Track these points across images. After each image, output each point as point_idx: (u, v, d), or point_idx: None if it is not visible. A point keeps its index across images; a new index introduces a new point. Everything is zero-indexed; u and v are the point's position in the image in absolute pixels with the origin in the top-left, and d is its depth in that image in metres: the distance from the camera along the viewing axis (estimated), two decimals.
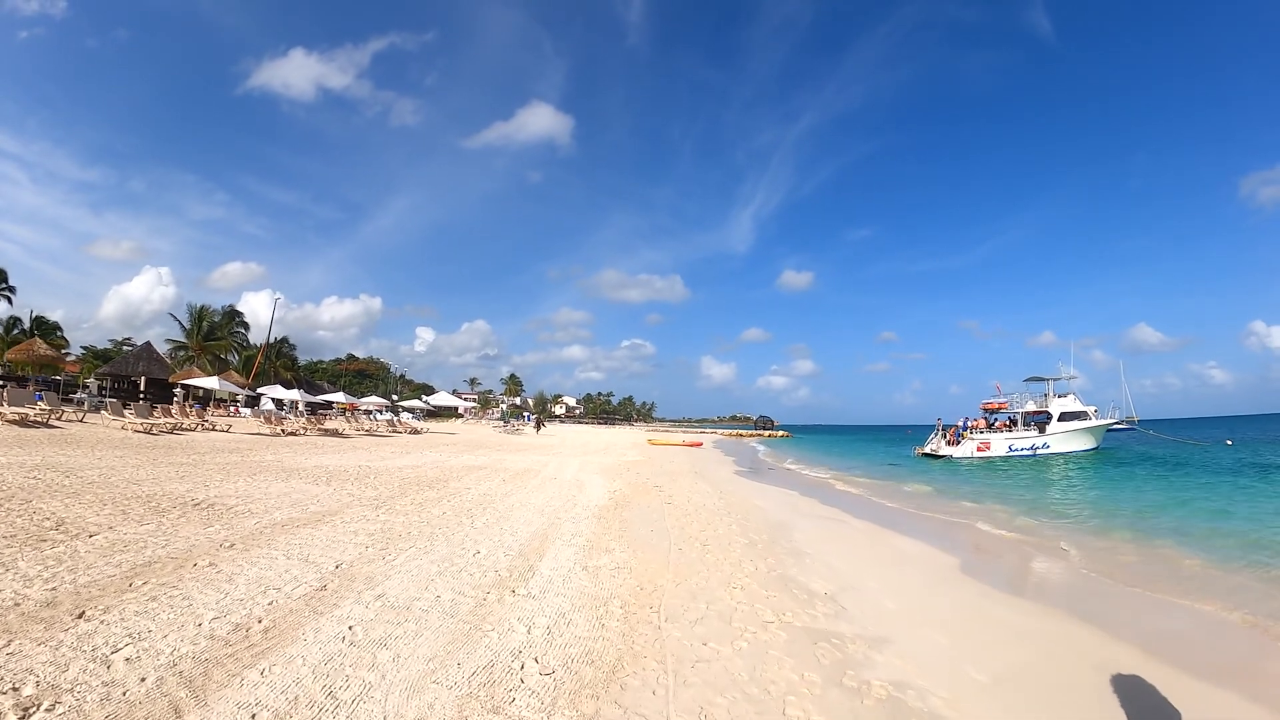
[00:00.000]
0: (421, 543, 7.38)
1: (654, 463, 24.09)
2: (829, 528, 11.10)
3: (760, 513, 11.97)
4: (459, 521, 8.82)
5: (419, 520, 8.84)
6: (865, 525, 11.70)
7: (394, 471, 15.29)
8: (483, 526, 8.49)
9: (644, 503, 12.02)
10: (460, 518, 9.14)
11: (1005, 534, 11.33)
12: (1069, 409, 38.33)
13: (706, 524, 10.00)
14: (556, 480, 15.11)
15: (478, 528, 8.40)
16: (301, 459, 17.21)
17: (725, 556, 7.65)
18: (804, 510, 13.18)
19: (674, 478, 17.98)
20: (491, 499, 11.23)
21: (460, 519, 9.03)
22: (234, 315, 61.82)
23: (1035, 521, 13.01)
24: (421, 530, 8.11)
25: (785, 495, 16.13)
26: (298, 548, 6.92)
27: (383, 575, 5.96)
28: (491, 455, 22.70)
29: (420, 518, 9.05)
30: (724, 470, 24.21)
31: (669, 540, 8.41)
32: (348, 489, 11.79)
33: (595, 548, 7.54)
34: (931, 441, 38.90)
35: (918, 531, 11.41)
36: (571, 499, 11.82)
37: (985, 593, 7.10)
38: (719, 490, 15.47)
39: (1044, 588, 7.85)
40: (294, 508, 9.58)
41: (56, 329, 57.81)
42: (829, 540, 9.71)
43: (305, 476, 13.31)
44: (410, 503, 10.45)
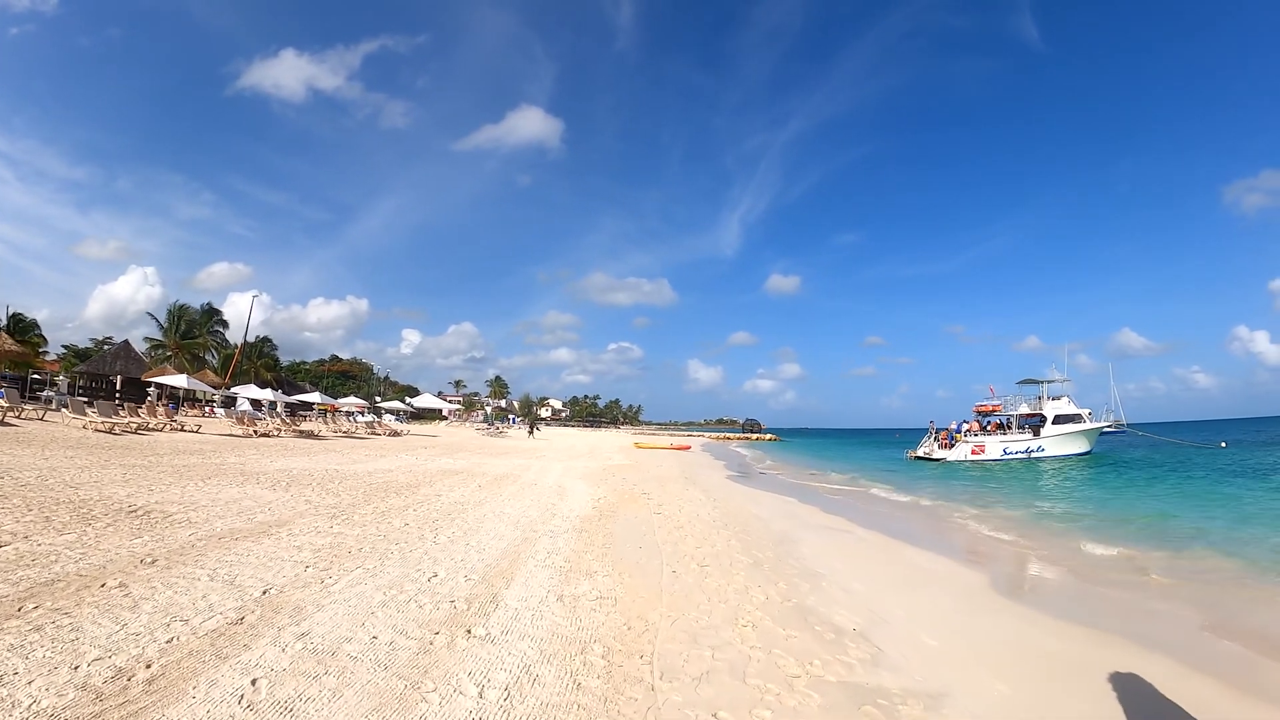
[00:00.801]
0: (372, 562, 6.35)
1: (641, 467, 22.89)
2: (836, 540, 10.13)
3: (760, 523, 10.96)
4: (420, 535, 7.77)
5: (376, 533, 7.81)
6: (874, 536, 10.74)
7: (362, 476, 14.23)
8: (446, 542, 7.42)
9: (631, 513, 10.93)
10: (423, 531, 8.09)
11: (1024, 544, 10.44)
12: (1063, 412, 37.83)
13: (702, 538, 8.97)
14: (536, 486, 14.03)
15: (440, 543, 7.34)
16: (267, 462, 16.11)
17: (728, 581, 6.59)
18: (806, 519, 12.21)
19: (663, 483, 16.90)
20: (462, 508, 10.17)
21: (423, 532, 7.98)
22: (213, 314, 60.40)
23: (1048, 529, 12.19)
24: (375, 546, 7.08)
25: (783, 502, 15.16)
26: (227, 566, 5.93)
27: (315, 605, 4.94)
28: (470, 459, 21.59)
29: (378, 530, 8.02)
30: (715, 475, 23.16)
31: (661, 559, 7.34)
32: (306, 495, 10.75)
33: (574, 570, 6.48)
34: (924, 445, 38.23)
35: (930, 542, 10.51)
36: (551, 508, 10.76)
37: (1028, 618, 6.15)
38: (712, 497, 14.46)
39: (1089, 608, 6.88)
40: (239, 517, 8.56)
41: (34, 327, 56.50)
42: (840, 555, 8.76)
43: (264, 481, 12.26)
44: (371, 512, 9.41)
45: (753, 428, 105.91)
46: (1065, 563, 9.11)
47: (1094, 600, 7.22)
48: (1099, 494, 18.58)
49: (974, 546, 10.51)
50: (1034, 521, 13.36)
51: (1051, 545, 10.35)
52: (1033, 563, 9.16)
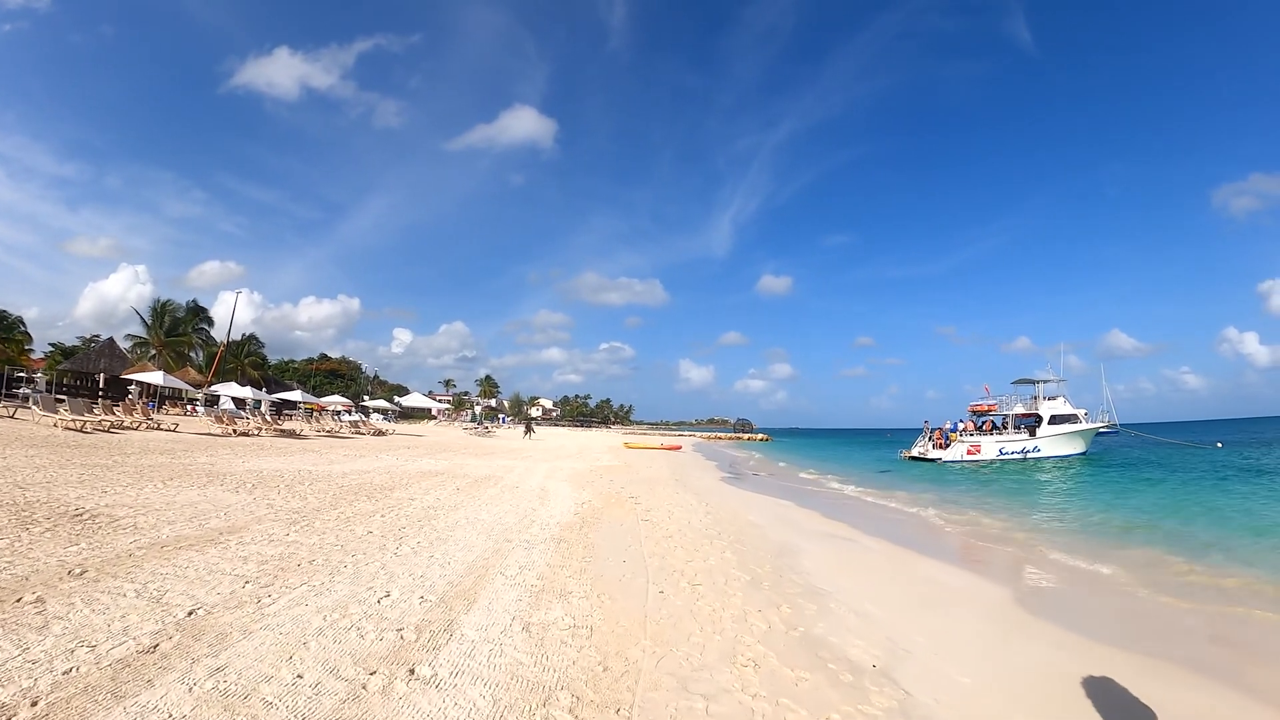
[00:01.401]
0: (321, 577, 5.65)
1: (631, 468, 22.12)
2: (840, 550, 9.43)
3: (757, 531, 10.20)
4: (382, 545, 7.06)
5: (334, 542, 7.11)
6: (880, 545, 10.06)
7: (336, 477, 13.51)
8: (408, 554, 6.70)
9: (616, 519, 10.19)
10: (386, 540, 7.38)
11: (1042, 552, 9.85)
12: (1059, 412, 37.37)
13: (694, 549, 8.18)
14: (518, 490, 13.29)
15: (402, 555, 6.62)
16: (239, 462, 15.37)
17: (724, 604, 5.78)
18: (805, 526, 11.48)
19: (652, 486, 16.15)
20: (434, 513, 9.46)
21: (385, 542, 7.26)
22: (198, 312, 59.34)
23: (1063, 534, 11.61)
24: (330, 558, 6.38)
25: (779, 506, 14.43)
26: (160, 580, 5.29)
27: (242, 631, 4.26)
28: (454, 459, 20.83)
29: (337, 539, 7.31)
30: (707, 477, 22.35)
31: (646, 576, 6.54)
32: (270, 498, 10.04)
33: (547, 589, 5.71)
34: (919, 444, 37.68)
35: (940, 551, 9.91)
36: (530, 514, 10.01)
37: (1065, 642, 5.48)
38: (704, 502, 13.66)
39: (1129, 627, 6.23)
40: (191, 522, 7.88)
41: (19, 324, 55.59)
42: (846, 569, 8.05)
43: (229, 483, 11.55)
44: (335, 518, 8.70)
45: (744, 427, 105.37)
46: (1089, 573, 8.51)
47: (1131, 618, 6.60)
48: (1106, 497, 17.96)
49: (987, 555, 9.88)
50: (1046, 526, 12.77)
51: (1071, 553, 9.72)
52: (1054, 573, 8.52)
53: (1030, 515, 14.44)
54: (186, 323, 56.84)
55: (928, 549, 10.08)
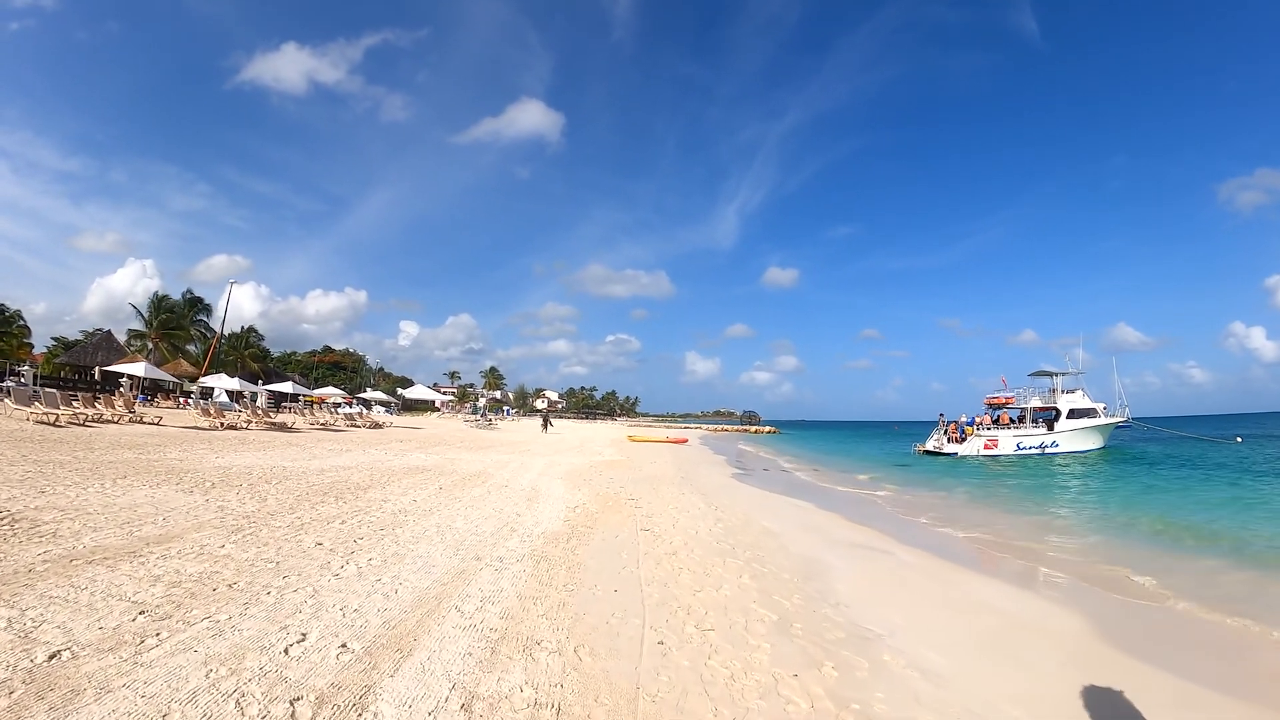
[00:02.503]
0: (232, 608, 4.48)
1: (633, 463, 20.75)
2: (876, 566, 8.11)
3: (775, 543, 8.82)
4: (326, 562, 5.87)
5: (271, 557, 5.94)
6: (917, 558, 8.77)
7: (311, 475, 12.37)
8: (352, 576, 5.50)
9: (612, 528, 8.83)
10: (334, 555, 6.18)
11: (1103, 564, 8.65)
12: (1078, 405, 36.01)
13: (703, 571, 6.72)
14: (506, 489, 12.03)
15: (344, 577, 5.42)
16: (212, 457, 14.27)
17: (746, 663, 4.29)
18: (831, 533, 10.16)
19: (656, 486, 14.74)
20: (403, 520, 8.24)
21: (332, 558, 6.07)
22: (196, 304, 58.53)
23: (1113, 542, 10.38)
24: (256, 580, 5.20)
25: (797, 509, 13.08)
26: (44, 605, 4.32)
27: (99, 689, 3.18)
28: (447, 454, 19.65)
29: (277, 553, 6.14)
30: (715, 473, 20.91)
31: (642, 615, 5.10)
32: (224, 500, 8.91)
33: (509, 637, 4.34)
34: (934, 438, 36.35)
35: (988, 564, 8.69)
36: (512, 521, 8.76)
37: (1191, 699, 4.29)
38: (713, 504, 12.22)
39: (1240, 668, 5.01)
40: (121, 529, 6.82)
41: (17, 318, 55.22)
42: (889, 595, 6.76)
43: (188, 481, 10.46)
44: (288, 525, 7.53)
45: (751, 419, 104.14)
46: (1158, 592, 7.27)
47: (1238, 655, 5.37)
48: (1147, 498, 16.59)
49: (1037, 569, 8.59)
50: (1092, 532, 11.53)
51: (1133, 566, 8.47)
52: (1122, 591, 7.29)
53: (1071, 519, 13.20)
54: (184, 315, 56.05)
55: (970, 561, 8.89)
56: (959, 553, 9.47)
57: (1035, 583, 7.91)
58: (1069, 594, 7.23)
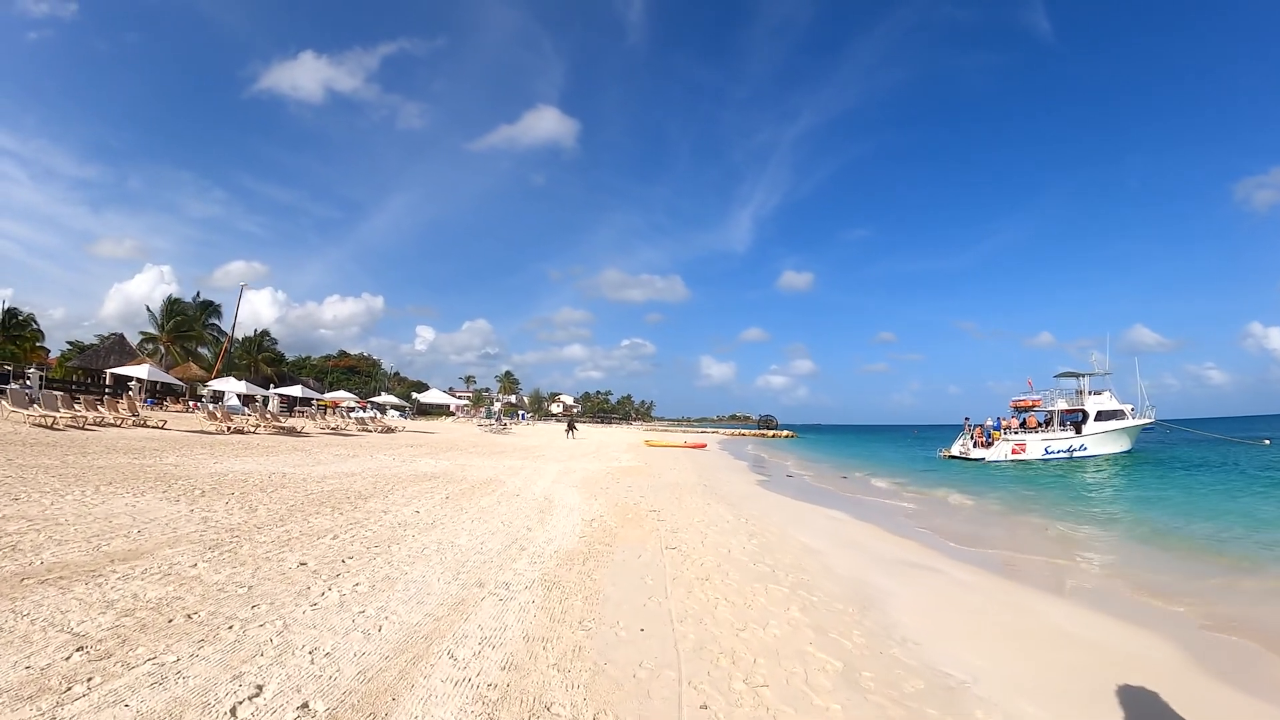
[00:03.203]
0: (184, 647, 3.66)
1: (651, 469, 19.73)
2: (934, 590, 7.13)
3: (818, 562, 7.81)
4: (306, 588, 5.02)
5: (245, 580, 5.12)
6: (976, 577, 7.79)
7: (311, 482, 11.61)
8: (332, 605, 4.65)
9: (633, 545, 7.82)
10: (317, 578, 5.33)
11: (1168, 585, 7.62)
12: (1106, 407, 34.74)
13: (744, 602, 5.65)
14: (517, 498, 11.14)
15: (323, 607, 4.57)
16: (212, 463, 13.58)
17: None
18: (874, 549, 9.17)
19: (678, 495, 13.66)
20: (402, 534, 7.39)
21: (314, 581, 5.22)
22: (208, 308, 58.41)
23: (1184, 558, 9.37)
24: (220, 609, 4.39)
25: (831, 520, 12.08)
26: None
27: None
28: (458, 459, 18.85)
29: (253, 574, 5.32)
30: (738, 480, 19.82)
31: (677, 665, 4.08)
32: (211, 510, 8.16)
33: (514, 696, 3.41)
34: (959, 443, 35.15)
35: (1050, 582, 7.72)
36: (522, 537, 7.85)
37: None
38: (741, 516, 11.14)
39: None
40: (89, 542, 6.14)
41: (30, 322, 55.31)
42: (958, 625, 5.81)
43: (178, 489, 9.75)
44: (273, 540, 6.74)
45: (769, 424, 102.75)
46: (1244, 615, 6.30)
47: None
48: (1192, 503, 15.50)
49: (1109, 588, 7.58)
50: (1155, 544, 10.50)
51: (1204, 583, 7.51)
52: (1216, 620, 6.32)
53: (1123, 531, 12.12)
54: (196, 319, 55.91)
55: (1029, 578, 7.90)
56: (1015, 568, 8.49)
57: (1107, 603, 6.93)
58: (1152, 617, 6.27)
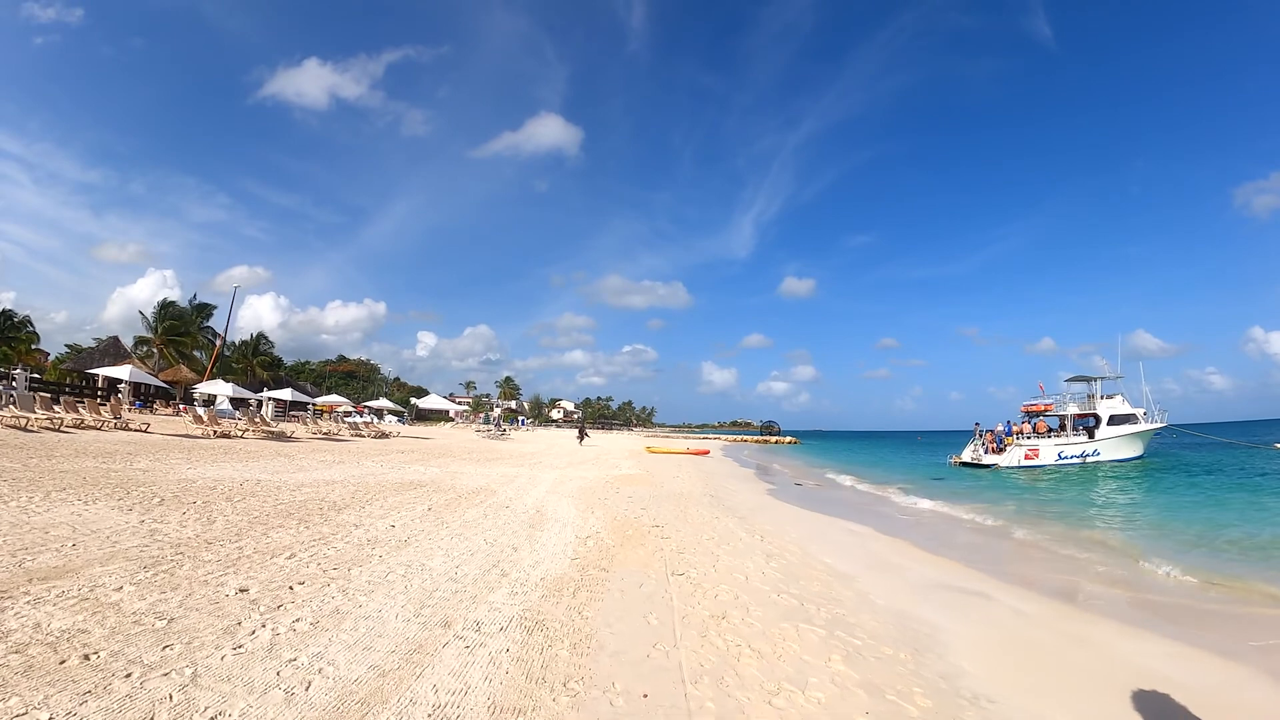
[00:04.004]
0: (64, 699, 2.82)
1: (653, 478, 18.58)
2: (990, 621, 6.12)
3: (850, 591, 6.65)
4: (240, 620, 4.08)
5: (175, 607, 4.23)
6: (1030, 604, 6.81)
7: (285, 490, 10.71)
8: (263, 648, 3.72)
9: (634, 570, 6.67)
10: (258, 607, 4.39)
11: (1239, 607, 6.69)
12: (1118, 411, 33.83)
13: (773, 651, 4.54)
14: (506, 510, 10.17)
15: (253, 649, 3.63)
16: (185, 468, 12.68)
17: None
18: (909, 571, 8.12)
19: (683, 506, 12.47)
20: (372, 552, 6.45)
21: (253, 611, 4.29)
22: (203, 310, 57.57)
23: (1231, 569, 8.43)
24: (128, 647, 3.50)
25: (855, 536, 10.99)
26: None
27: None
28: (449, 466, 17.90)
29: (184, 602, 4.41)
30: (746, 489, 18.64)
31: None
32: (164, 521, 7.29)
33: None
34: (970, 449, 34.15)
35: (1116, 610, 6.73)
36: (505, 559, 6.77)
37: None
38: (755, 532, 9.90)
39: None
40: (13, 556, 5.41)
41: (26, 324, 54.68)
42: (1030, 670, 4.85)
43: (135, 496, 8.89)
44: (222, 558, 5.83)
45: (771, 430, 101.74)
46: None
47: None
48: (1234, 512, 14.52)
49: (1195, 615, 6.64)
50: (1197, 558, 9.56)
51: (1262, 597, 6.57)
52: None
53: (1163, 541, 11.15)
54: (191, 322, 55.11)
55: (1096, 605, 6.96)
56: (1071, 591, 7.52)
57: (1182, 630, 6.04)
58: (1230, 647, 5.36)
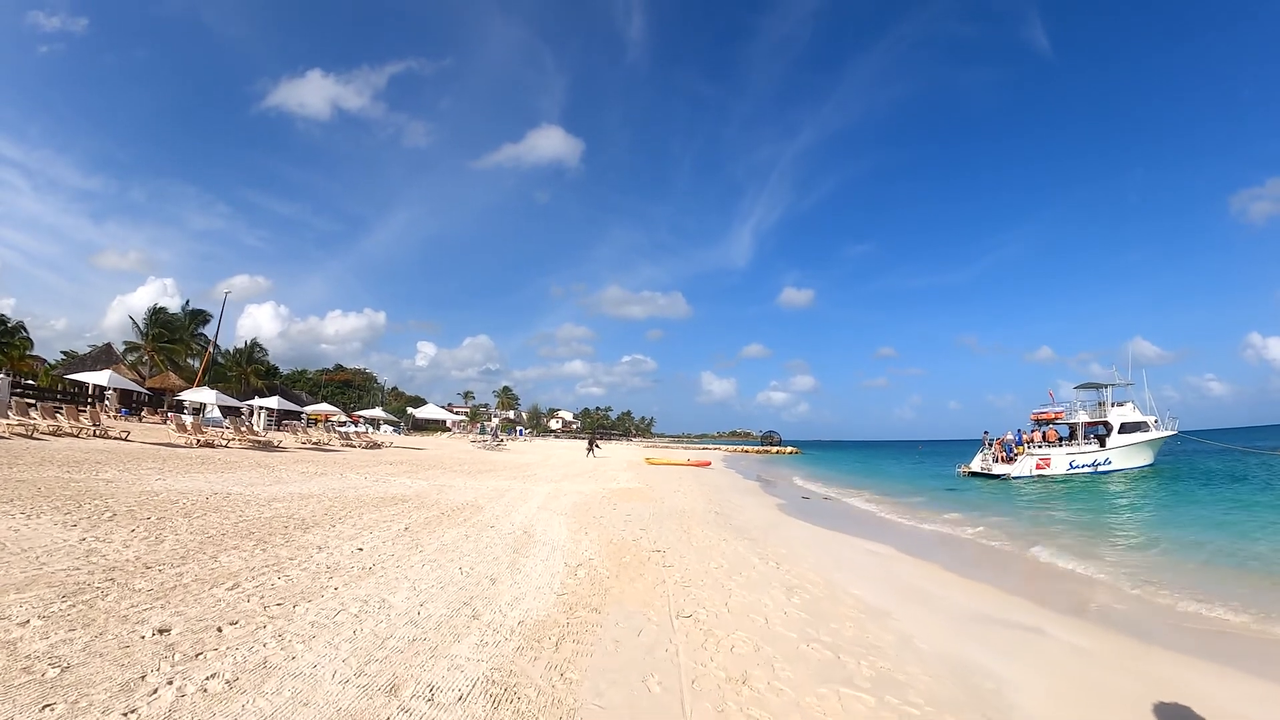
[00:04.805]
0: None
1: (653, 492, 17.45)
2: (1055, 666, 5.16)
3: (889, 632, 5.58)
4: (145, 674, 3.20)
5: (74, 651, 3.36)
6: (1100, 641, 5.86)
7: (254, 505, 9.81)
8: (158, 716, 2.87)
9: (631, 610, 5.55)
10: (172, 654, 3.49)
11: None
12: (1129, 419, 33.08)
13: None
14: (492, 530, 9.22)
15: (144, 717, 2.81)
16: (152, 479, 11.81)
17: None
18: (950, 602, 7.12)
19: (686, 526, 11.27)
20: (328, 582, 5.53)
21: (163, 663, 3.39)
22: (197, 316, 56.69)
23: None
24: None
25: (879, 558, 9.99)
26: None
27: None
28: (438, 479, 16.96)
29: (88, 645, 3.54)
30: (754, 506, 17.26)
31: None
32: (106, 540, 6.44)
33: None
34: (979, 458, 33.20)
35: (1194, 645, 5.83)
36: (479, 595, 5.67)
37: None
38: (770, 557, 8.71)
39: None
40: None
41: (19, 329, 53.93)
42: None
43: (86, 509, 8.06)
44: (154, 586, 4.95)
45: (772, 440, 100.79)
46: None
47: None
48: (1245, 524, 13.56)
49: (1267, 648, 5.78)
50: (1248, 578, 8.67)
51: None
52: None
53: (1216, 559, 10.26)
54: (184, 328, 54.27)
55: (1156, 634, 6.09)
56: (1136, 621, 6.63)
57: (1266, 666, 5.16)
58: None
